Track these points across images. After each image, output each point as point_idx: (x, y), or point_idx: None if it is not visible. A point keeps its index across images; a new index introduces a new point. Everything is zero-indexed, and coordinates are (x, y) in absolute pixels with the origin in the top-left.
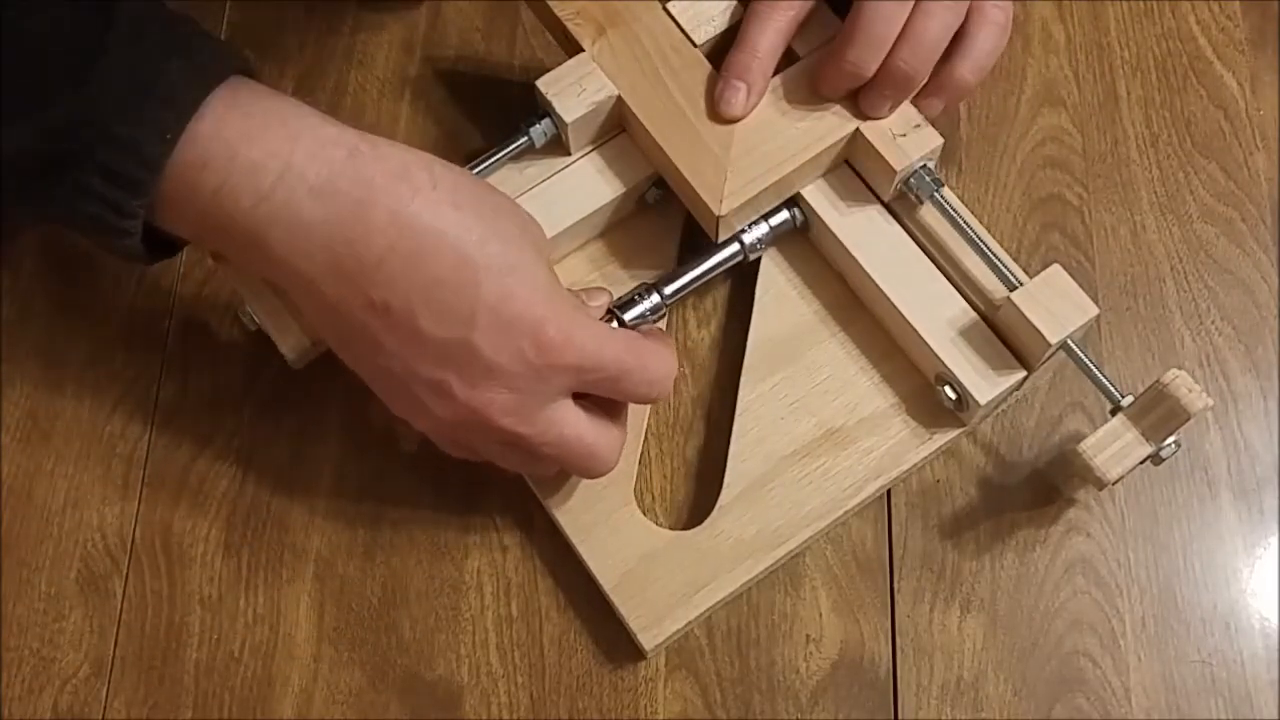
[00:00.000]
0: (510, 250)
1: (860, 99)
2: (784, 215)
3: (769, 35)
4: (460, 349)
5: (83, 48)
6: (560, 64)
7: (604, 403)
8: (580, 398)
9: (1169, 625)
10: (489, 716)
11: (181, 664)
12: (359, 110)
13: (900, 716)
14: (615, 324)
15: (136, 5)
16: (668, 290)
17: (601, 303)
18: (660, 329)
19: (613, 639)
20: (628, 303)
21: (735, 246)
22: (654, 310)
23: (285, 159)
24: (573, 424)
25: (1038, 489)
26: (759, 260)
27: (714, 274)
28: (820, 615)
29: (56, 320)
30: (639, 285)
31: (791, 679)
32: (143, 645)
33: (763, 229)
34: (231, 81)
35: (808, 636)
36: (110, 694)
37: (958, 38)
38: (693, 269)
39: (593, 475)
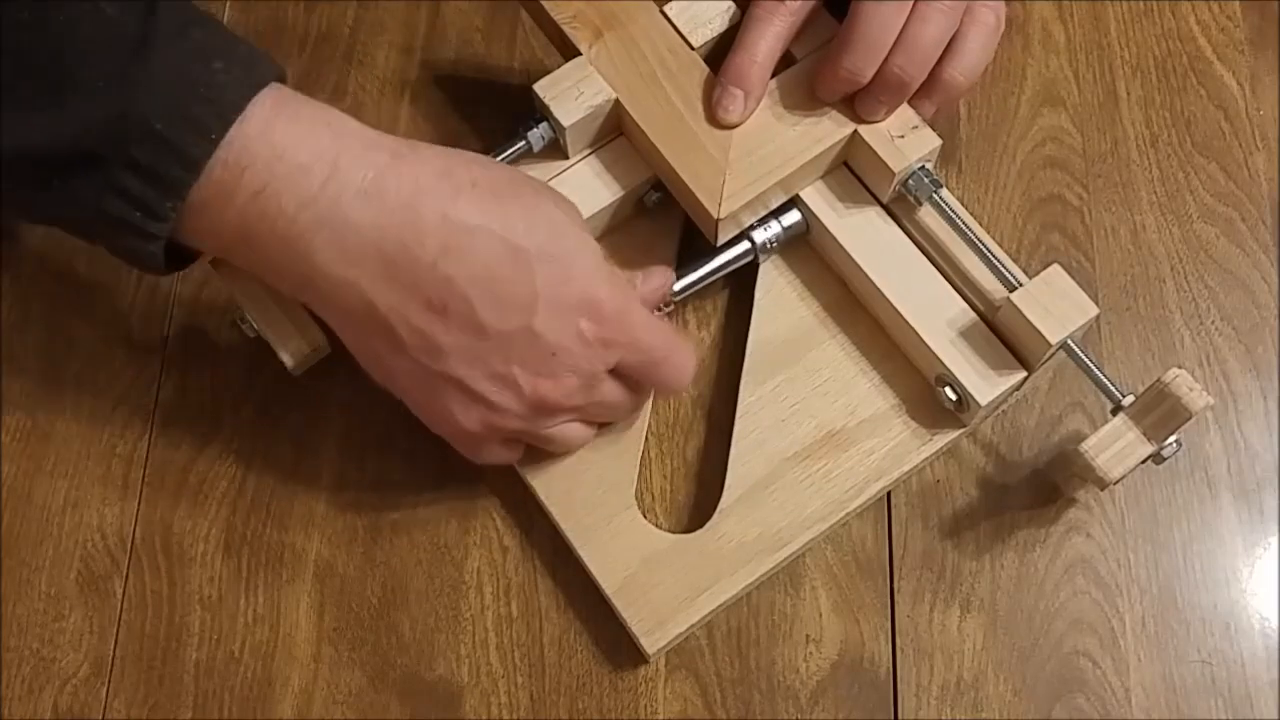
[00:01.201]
0: (557, 233)
1: (856, 104)
2: (796, 216)
3: (768, 40)
4: (522, 337)
5: (125, 43)
6: (559, 66)
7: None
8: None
9: (1169, 625)
10: (489, 716)
11: (181, 664)
12: (359, 111)
13: (900, 716)
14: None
15: (178, 4)
16: (676, 286)
17: (657, 284)
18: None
19: (613, 639)
20: None
21: (745, 245)
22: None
23: (332, 161)
24: (612, 389)
25: (1038, 489)
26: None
27: (723, 273)
28: (820, 615)
29: (56, 321)
30: None
31: (791, 679)
32: (143, 645)
33: (775, 229)
34: (274, 86)
35: (808, 636)
36: (110, 694)
37: (949, 39)
38: (701, 267)
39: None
